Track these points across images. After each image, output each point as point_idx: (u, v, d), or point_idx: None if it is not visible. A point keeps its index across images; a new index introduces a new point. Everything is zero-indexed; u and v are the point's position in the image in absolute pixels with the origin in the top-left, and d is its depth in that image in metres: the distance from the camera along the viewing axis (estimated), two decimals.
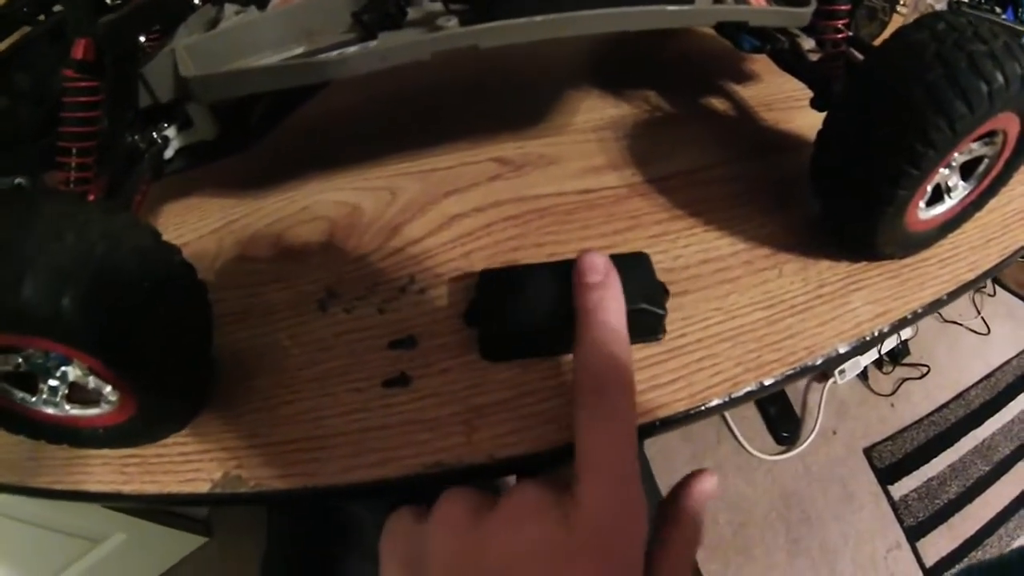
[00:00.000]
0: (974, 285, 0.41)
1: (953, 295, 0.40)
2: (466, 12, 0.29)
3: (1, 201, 0.28)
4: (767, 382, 0.32)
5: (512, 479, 0.31)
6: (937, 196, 0.38)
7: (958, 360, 1.26)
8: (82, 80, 0.34)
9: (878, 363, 1.21)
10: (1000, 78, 0.31)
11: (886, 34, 0.46)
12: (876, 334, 0.35)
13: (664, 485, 1.01)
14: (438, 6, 0.30)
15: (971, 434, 1.17)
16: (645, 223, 0.39)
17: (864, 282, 0.37)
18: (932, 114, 0.31)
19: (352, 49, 0.29)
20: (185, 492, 0.32)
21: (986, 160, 0.38)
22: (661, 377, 0.32)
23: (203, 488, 0.32)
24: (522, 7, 0.28)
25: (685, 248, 0.38)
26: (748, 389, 0.31)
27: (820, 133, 0.36)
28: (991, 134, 0.36)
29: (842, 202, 0.36)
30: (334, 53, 0.29)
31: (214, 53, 0.34)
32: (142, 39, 0.37)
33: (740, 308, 0.35)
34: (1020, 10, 0.55)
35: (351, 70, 0.28)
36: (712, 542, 1.02)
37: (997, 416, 1.19)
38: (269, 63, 0.30)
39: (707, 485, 0.26)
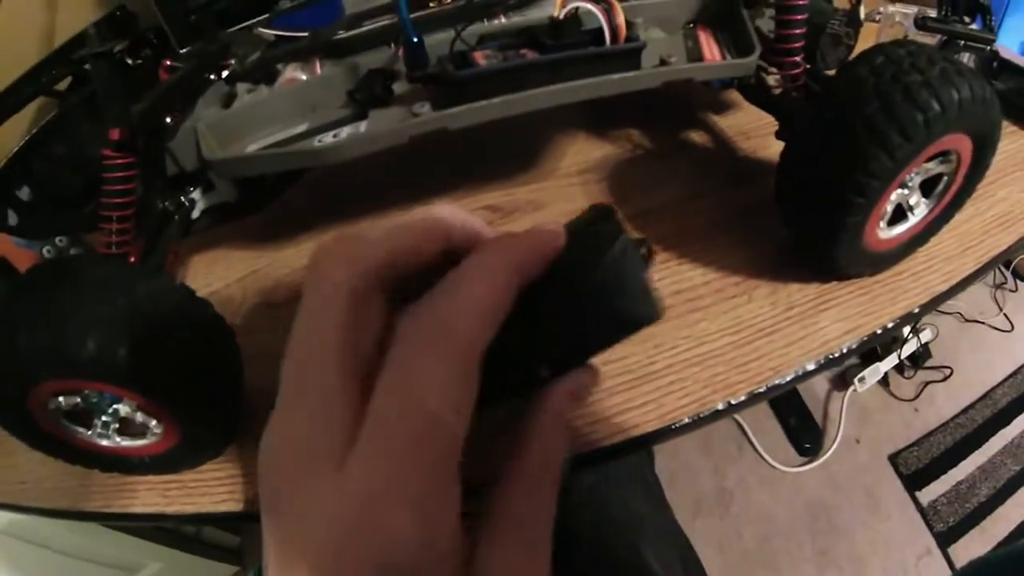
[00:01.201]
0: (949, 296, 0.43)
1: (926, 307, 0.42)
2: (438, 95, 0.33)
3: (60, 269, 0.33)
4: (734, 401, 0.34)
5: None
6: (900, 214, 0.40)
7: (982, 359, 1.24)
8: (119, 158, 0.39)
9: (899, 368, 1.21)
10: (936, 106, 0.33)
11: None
12: (845, 350, 0.38)
13: (688, 500, 1.01)
14: (419, 87, 0.34)
15: (999, 434, 1.15)
16: None
17: (834, 301, 0.40)
18: (871, 146, 0.33)
19: (344, 136, 0.34)
20: (221, 511, 0.36)
21: (945, 177, 0.40)
22: (633, 400, 0.35)
23: (236, 507, 0.36)
24: (486, 88, 0.32)
25: (659, 281, 0.41)
26: (716, 409, 0.34)
27: (779, 163, 0.39)
28: (945, 153, 0.39)
29: (803, 228, 0.39)
30: (330, 137, 0.34)
31: (230, 129, 0.39)
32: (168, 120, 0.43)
33: (709, 334, 0.37)
34: (988, 18, 0.57)
35: (343, 155, 0.32)
36: (736, 557, 1.02)
37: None
38: (277, 151, 0.34)
39: (571, 385, 0.20)
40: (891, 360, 1.18)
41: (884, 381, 1.20)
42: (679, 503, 1.06)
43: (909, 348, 1.19)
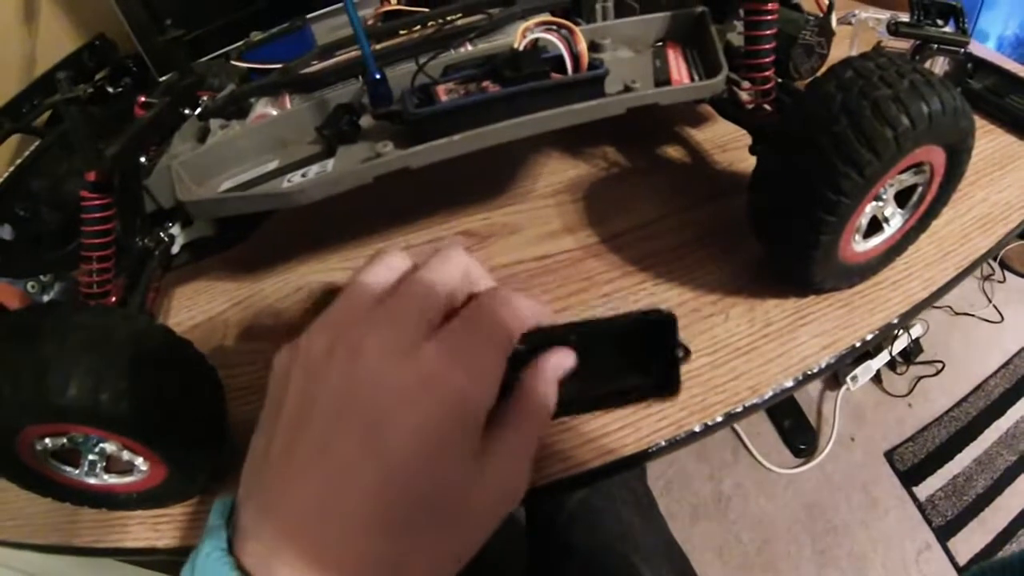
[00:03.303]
0: (929, 303, 0.43)
1: (906, 316, 0.41)
2: (400, 132, 0.33)
3: (41, 316, 0.33)
4: (711, 423, 0.34)
5: None
6: (876, 226, 0.40)
7: (973, 352, 1.24)
8: (96, 199, 0.39)
9: (891, 364, 1.21)
10: (906, 120, 0.33)
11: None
12: (823, 366, 0.37)
13: (685, 507, 1.01)
14: (384, 122, 0.34)
15: (994, 425, 1.15)
16: (598, 283, 0.42)
17: (812, 316, 0.40)
18: (841, 164, 0.33)
19: (310, 177, 0.34)
20: None
21: (919, 188, 0.40)
22: (609, 425, 0.35)
23: None
24: (447, 124, 0.32)
25: (635, 303, 0.41)
26: (692, 430, 0.34)
27: (751, 179, 0.38)
28: (918, 164, 0.38)
29: (776, 245, 0.39)
30: (298, 176, 0.34)
31: (204, 167, 0.39)
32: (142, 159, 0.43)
33: None
34: (961, 21, 0.57)
35: (310, 197, 0.32)
36: (736, 561, 1.02)
37: (1019, 404, 1.17)
38: (245, 194, 0.35)
39: (554, 360, 0.25)
40: (883, 357, 1.18)
41: (877, 378, 1.20)
42: (676, 510, 1.06)
43: (900, 344, 1.19)
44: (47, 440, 0.33)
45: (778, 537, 1.04)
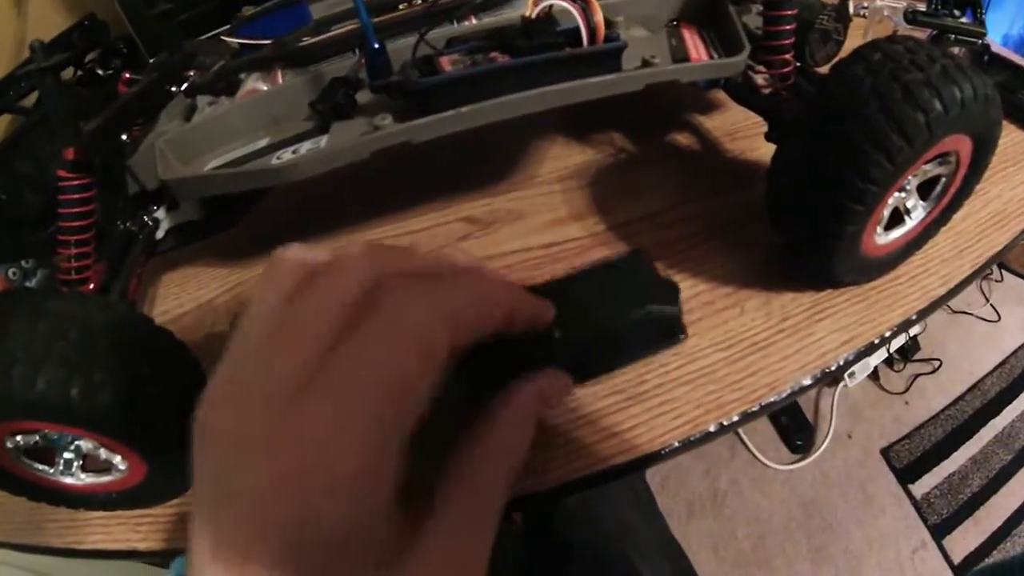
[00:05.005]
0: (947, 299, 0.42)
1: (924, 312, 0.40)
2: (401, 106, 0.31)
3: (9, 304, 0.31)
4: (727, 422, 0.32)
5: None
6: (897, 218, 0.39)
7: (970, 350, 1.25)
8: (75, 179, 0.37)
9: (888, 362, 1.21)
10: (938, 106, 0.31)
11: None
12: (842, 362, 0.36)
13: (681, 503, 1.00)
14: (383, 96, 0.32)
15: (990, 424, 1.15)
16: None
17: (829, 310, 0.38)
18: (870, 150, 0.31)
19: (303, 152, 0.31)
20: None
21: (943, 179, 0.39)
22: (622, 424, 0.33)
23: None
24: (452, 96, 0.29)
25: None
26: (708, 430, 0.32)
27: (770, 168, 0.37)
28: (944, 154, 0.37)
29: (796, 235, 0.37)
30: (289, 153, 0.32)
31: (191, 145, 0.37)
32: (124, 137, 0.40)
33: (700, 350, 0.36)
34: (979, 11, 0.55)
35: (303, 173, 0.30)
36: (732, 558, 1.01)
37: (1015, 403, 1.18)
38: (233, 170, 0.32)
39: (542, 384, 0.22)
40: (880, 354, 1.17)
41: (874, 375, 1.20)
42: (672, 506, 1.05)
43: (898, 341, 1.19)
44: (18, 437, 0.31)
45: (774, 534, 1.03)
